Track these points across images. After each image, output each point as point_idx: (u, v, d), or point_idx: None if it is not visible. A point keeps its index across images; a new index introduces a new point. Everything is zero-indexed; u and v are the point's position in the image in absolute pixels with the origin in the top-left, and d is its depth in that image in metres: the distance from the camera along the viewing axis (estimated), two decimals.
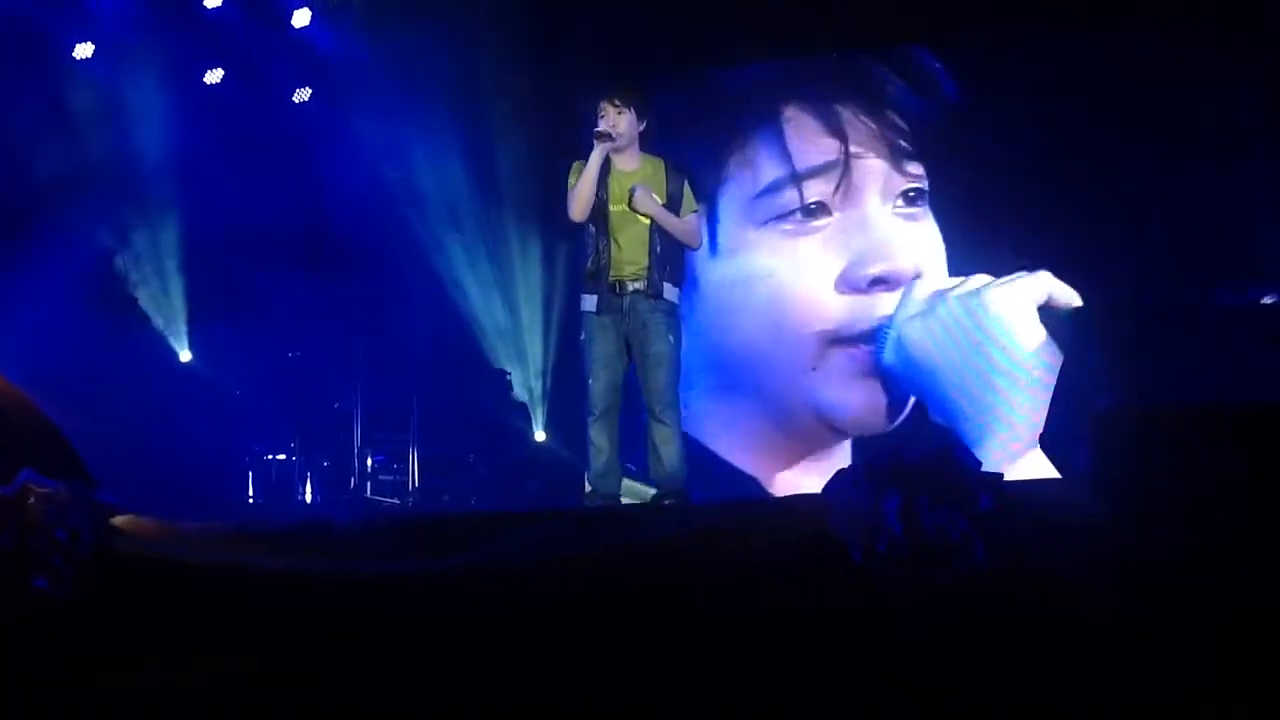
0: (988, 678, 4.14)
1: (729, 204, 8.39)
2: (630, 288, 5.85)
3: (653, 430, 5.85)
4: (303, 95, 9.55)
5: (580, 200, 5.86)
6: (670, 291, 5.90)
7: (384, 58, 9.13)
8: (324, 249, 9.21)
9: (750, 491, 8.08)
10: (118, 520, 5.24)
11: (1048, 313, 7.40)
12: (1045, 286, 7.39)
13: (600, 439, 5.85)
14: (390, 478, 8.71)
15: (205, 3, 9.03)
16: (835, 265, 8.03)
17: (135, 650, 5.01)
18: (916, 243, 8.00)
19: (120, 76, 8.98)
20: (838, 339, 8.01)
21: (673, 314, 5.91)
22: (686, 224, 5.96)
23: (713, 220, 8.29)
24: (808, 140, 8.14)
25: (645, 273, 5.85)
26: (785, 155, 8.15)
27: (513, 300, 9.37)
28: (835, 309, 8.03)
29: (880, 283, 7.97)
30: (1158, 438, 4.25)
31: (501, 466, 8.75)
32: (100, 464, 5.91)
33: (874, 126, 8.07)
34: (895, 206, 8.01)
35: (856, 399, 8.00)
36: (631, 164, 5.96)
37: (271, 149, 9.18)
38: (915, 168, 8.03)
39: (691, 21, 8.21)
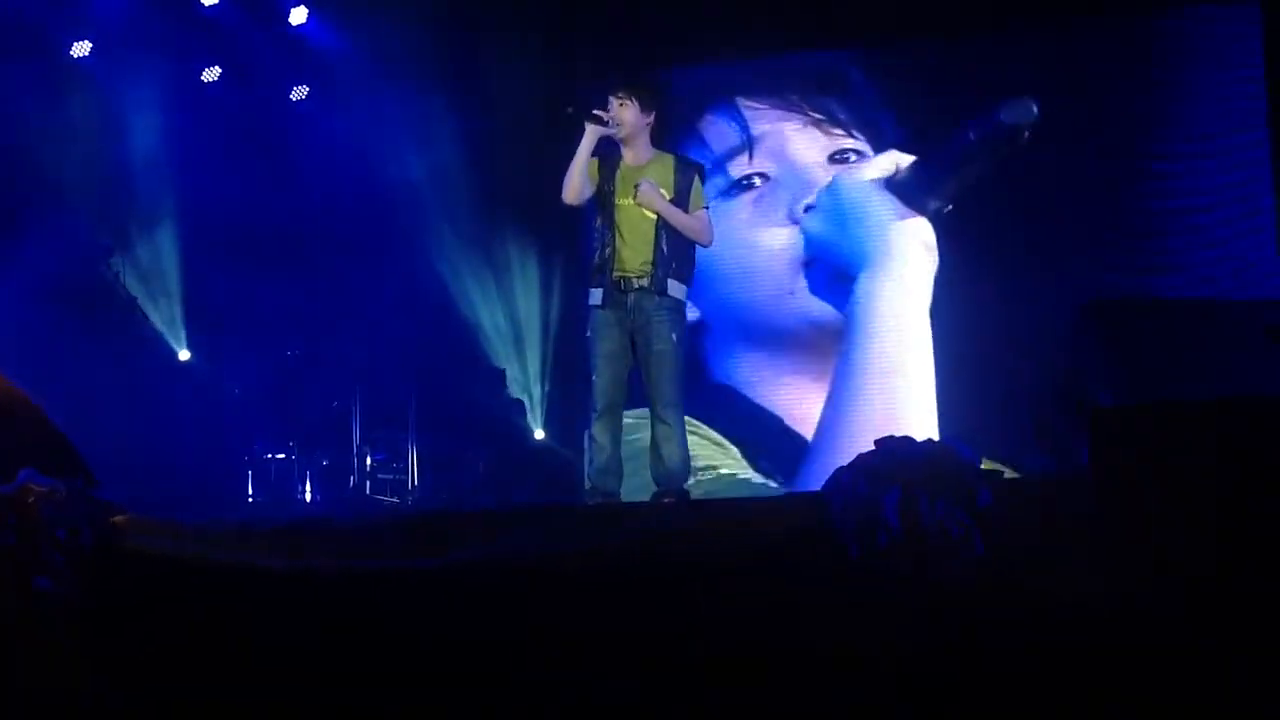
0: (988, 677, 4.14)
1: None
2: (635, 284, 5.80)
3: (655, 429, 5.81)
4: (300, 93, 9.56)
5: (571, 183, 5.84)
6: (676, 289, 5.83)
7: (381, 55, 9.13)
8: (321, 247, 9.20)
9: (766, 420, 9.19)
10: (118, 519, 5.25)
11: (898, 178, 8.91)
12: (891, 160, 8.93)
13: (602, 436, 5.80)
14: (390, 476, 8.67)
15: (203, 0, 9.02)
16: (781, 208, 9.28)
17: (136, 648, 5.02)
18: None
19: (117, 75, 8.97)
20: (800, 263, 9.20)
21: (678, 311, 5.85)
22: (696, 220, 5.91)
23: None
24: (717, 136, 9.42)
25: (650, 269, 5.79)
26: (708, 151, 9.27)
27: (511, 299, 9.39)
28: (787, 238, 9.25)
29: (813, 209, 9.21)
30: (1157, 433, 4.25)
31: (501, 463, 8.76)
32: (100, 463, 5.90)
33: (777, 106, 9.31)
34: (831, 161, 9.18)
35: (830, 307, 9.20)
36: (640, 159, 5.93)
37: (269, 147, 9.18)
38: (839, 131, 9.20)
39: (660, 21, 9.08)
